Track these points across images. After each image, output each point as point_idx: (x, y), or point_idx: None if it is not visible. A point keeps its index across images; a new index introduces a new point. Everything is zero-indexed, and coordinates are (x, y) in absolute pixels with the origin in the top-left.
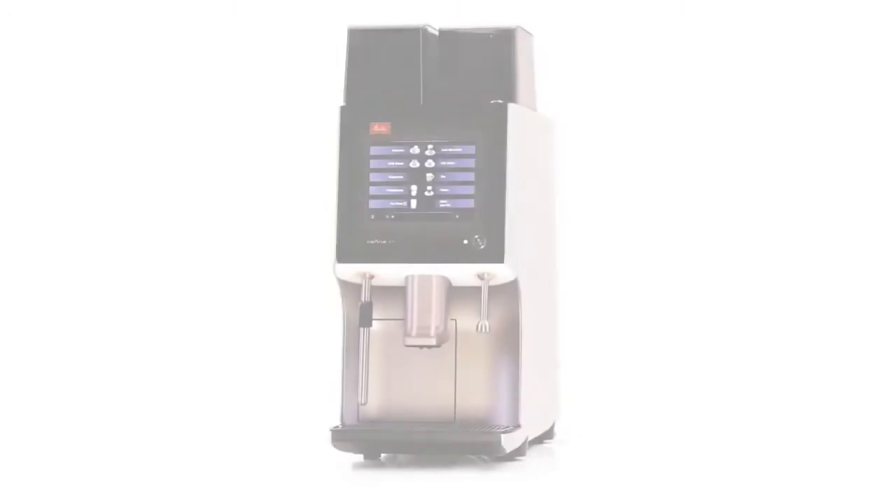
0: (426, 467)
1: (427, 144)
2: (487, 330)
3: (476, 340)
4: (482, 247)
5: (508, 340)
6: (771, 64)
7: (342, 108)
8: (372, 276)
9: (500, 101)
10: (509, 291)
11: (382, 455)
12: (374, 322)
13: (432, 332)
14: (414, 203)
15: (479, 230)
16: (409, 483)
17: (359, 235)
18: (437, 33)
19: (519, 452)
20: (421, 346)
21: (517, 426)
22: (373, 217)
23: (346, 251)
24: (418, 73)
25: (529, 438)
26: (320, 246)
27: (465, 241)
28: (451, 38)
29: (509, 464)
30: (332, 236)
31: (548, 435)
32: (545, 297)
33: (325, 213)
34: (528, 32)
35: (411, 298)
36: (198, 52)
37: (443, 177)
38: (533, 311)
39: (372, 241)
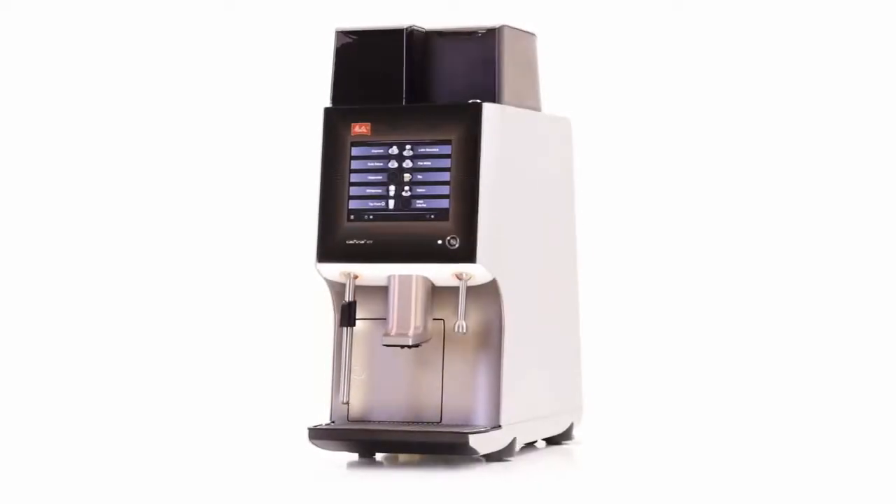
0: (418, 467)
1: (405, 145)
2: (465, 330)
3: (464, 340)
4: (455, 247)
5: (492, 341)
6: (782, 59)
7: (326, 110)
8: (356, 277)
9: (477, 101)
10: (494, 291)
11: (378, 455)
12: (361, 322)
13: (410, 332)
14: (391, 203)
15: (453, 230)
16: (372, 482)
17: (338, 235)
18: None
19: (506, 453)
20: (402, 346)
21: (497, 427)
22: (352, 217)
23: (326, 251)
24: (401, 74)
25: (539, 439)
26: (313, 246)
27: (439, 242)
28: (436, 39)
29: (495, 465)
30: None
31: (566, 436)
32: (550, 296)
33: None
34: (524, 32)
35: (392, 298)
36: (190, 51)
37: (419, 177)
38: (524, 312)
39: (350, 242)
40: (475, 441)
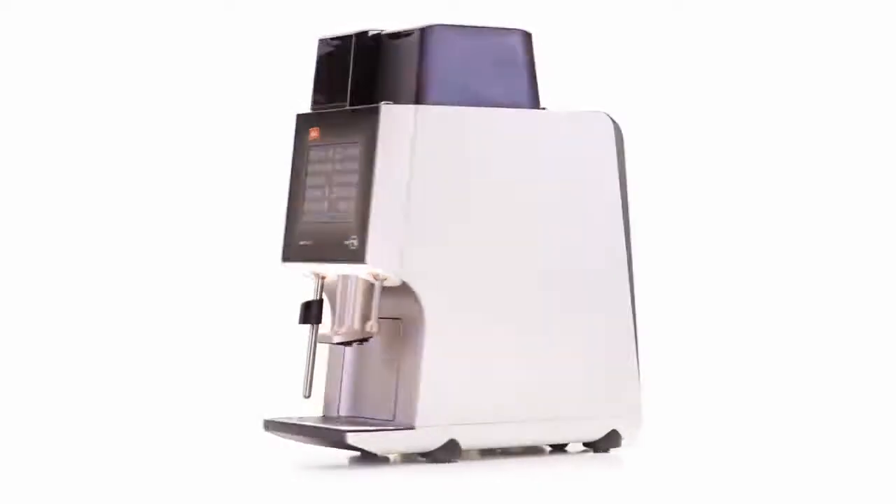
0: (414, 466)
1: (337, 147)
2: (376, 330)
3: (414, 340)
4: (354, 248)
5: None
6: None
7: (297, 115)
8: (324, 277)
9: (381, 103)
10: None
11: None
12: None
13: (343, 330)
14: (326, 205)
15: (354, 231)
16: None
17: (294, 236)
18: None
19: (449, 455)
20: (330, 343)
21: (409, 427)
22: (305, 219)
23: (284, 251)
24: (347, 78)
25: (569, 441)
26: None
27: (345, 243)
28: (386, 41)
29: (448, 465)
30: None
31: (611, 442)
32: (548, 299)
33: None
34: (500, 29)
35: (336, 297)
36: (185, 53)
37: (341, 179)
38: (467, 313)
39: (301, 242)
40: (355, 439)
